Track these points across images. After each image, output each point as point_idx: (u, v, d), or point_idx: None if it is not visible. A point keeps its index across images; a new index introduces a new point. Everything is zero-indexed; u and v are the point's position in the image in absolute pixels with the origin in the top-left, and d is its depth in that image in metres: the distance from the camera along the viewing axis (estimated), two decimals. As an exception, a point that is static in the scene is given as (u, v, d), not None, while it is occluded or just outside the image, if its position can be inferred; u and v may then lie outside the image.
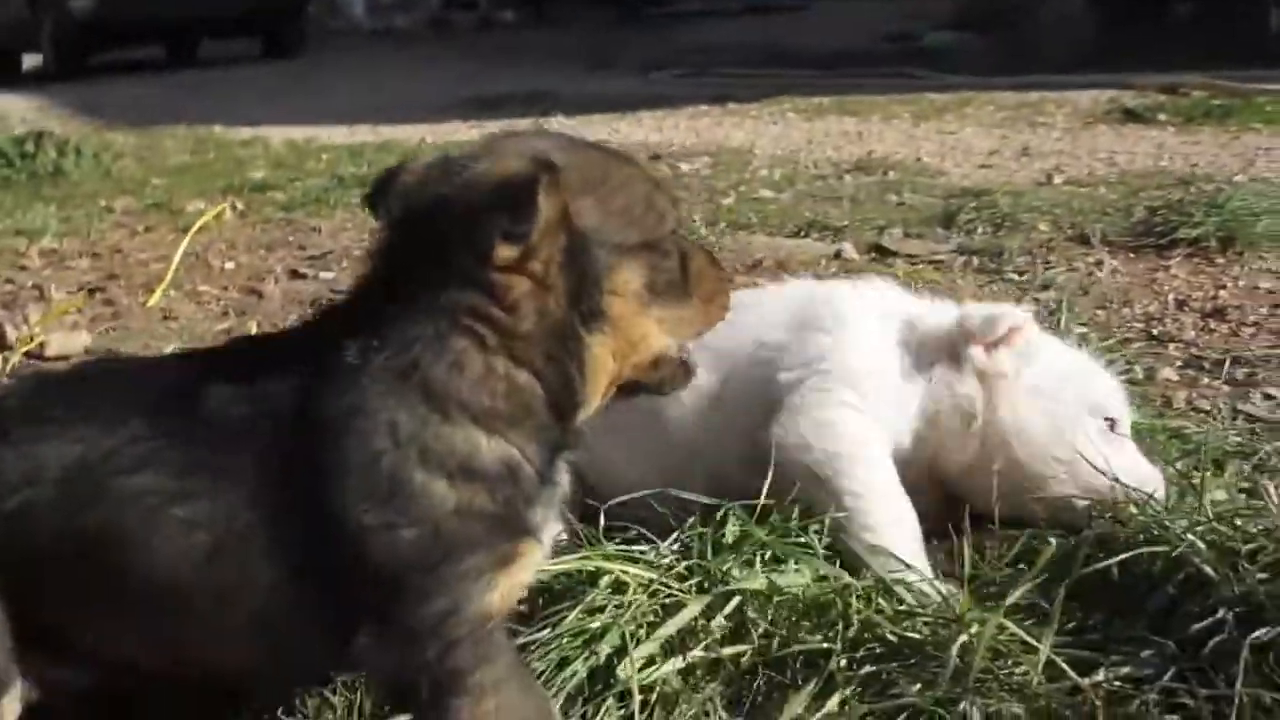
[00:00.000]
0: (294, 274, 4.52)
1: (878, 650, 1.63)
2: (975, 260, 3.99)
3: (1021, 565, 1.81)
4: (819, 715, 1.56)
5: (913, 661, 1.59)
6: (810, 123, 8.20)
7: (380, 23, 26.51)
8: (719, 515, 1.86)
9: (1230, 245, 3.91)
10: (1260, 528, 1.66)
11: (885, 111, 8.44)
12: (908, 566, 1.74)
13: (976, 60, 11.28)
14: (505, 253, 1.38)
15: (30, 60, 19.56)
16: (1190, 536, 1.64)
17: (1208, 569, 1.59)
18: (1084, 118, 7.45)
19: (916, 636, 1.61)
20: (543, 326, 1.42)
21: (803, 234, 4.51)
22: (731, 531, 1.82)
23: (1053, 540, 1.70)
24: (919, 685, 1.56)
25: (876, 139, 7.15)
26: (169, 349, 3.49)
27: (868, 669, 1.61)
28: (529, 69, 13.87)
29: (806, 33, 15.28)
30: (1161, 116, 7.05)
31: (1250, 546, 1.61)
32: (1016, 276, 3.78)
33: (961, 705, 1.51)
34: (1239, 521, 1.69)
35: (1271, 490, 2.06)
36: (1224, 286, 3.59)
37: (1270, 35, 10.13)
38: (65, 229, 5.63)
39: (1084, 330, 3.16)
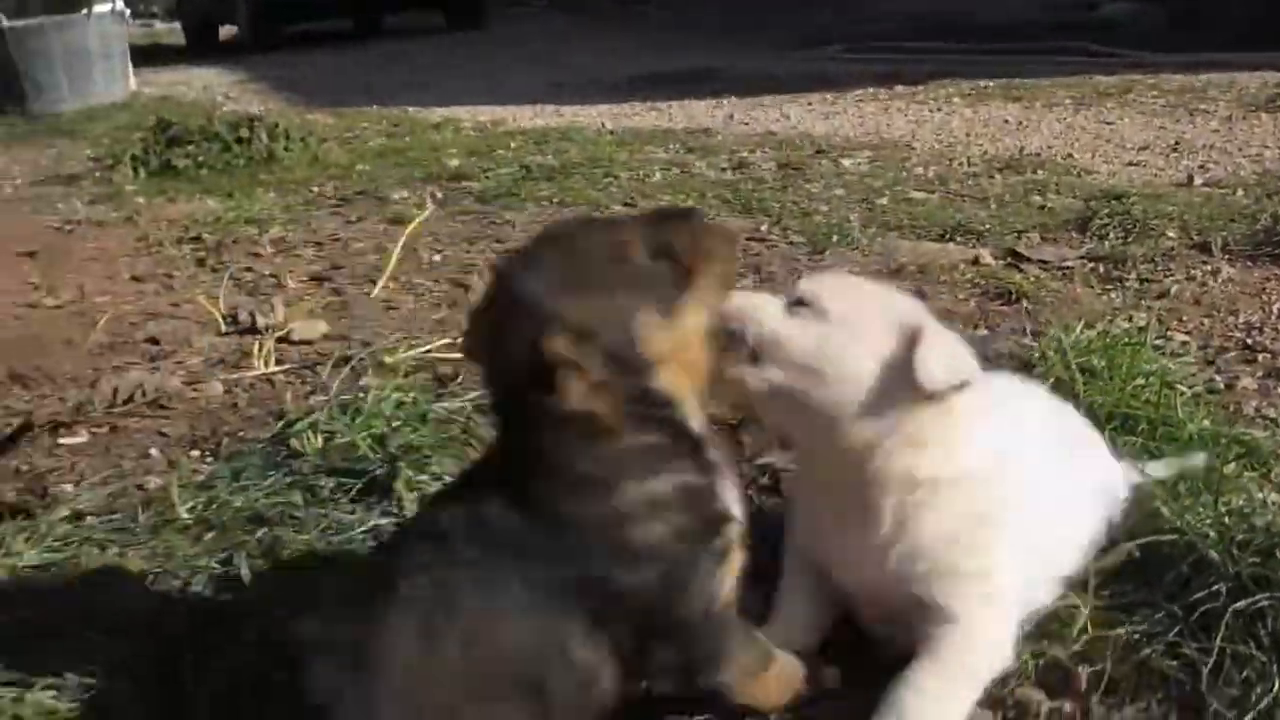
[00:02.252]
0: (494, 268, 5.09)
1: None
2: (1101, 268, 4.38)
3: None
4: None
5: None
6: (973, 110, 8.54)
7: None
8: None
9: (1346, 254, 4.24)
10: (1262, 523, 2.13)
11: (1048, 97, 8.73)
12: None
13: (1153, 34, 11.38)
14: (566, 406, 1.72)
15: (225, 31, 20.71)
16: (1202, 528, 2.14)
17: (1212, 553, 2.08)
18: (1246, 106, 7.67)
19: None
20: (620, 407, 1.76)
21: (947, 238, 4.92)
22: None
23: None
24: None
25: (1034, 130, 7.49)
26: (394, 336, 4.10)
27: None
28: (700, 43, 14.33)
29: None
30: (1325, 103, 7.28)
31: (1244, 537, 2.09)
32: (1137, 285, 4.18)
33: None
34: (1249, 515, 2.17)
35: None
36: (1331, 296, 3.95)
37: None
38: (288, 217, 6.31)
39: (1185, 339, 3.59)
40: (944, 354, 1.96)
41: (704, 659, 1.85)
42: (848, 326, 1.98)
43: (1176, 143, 6.71)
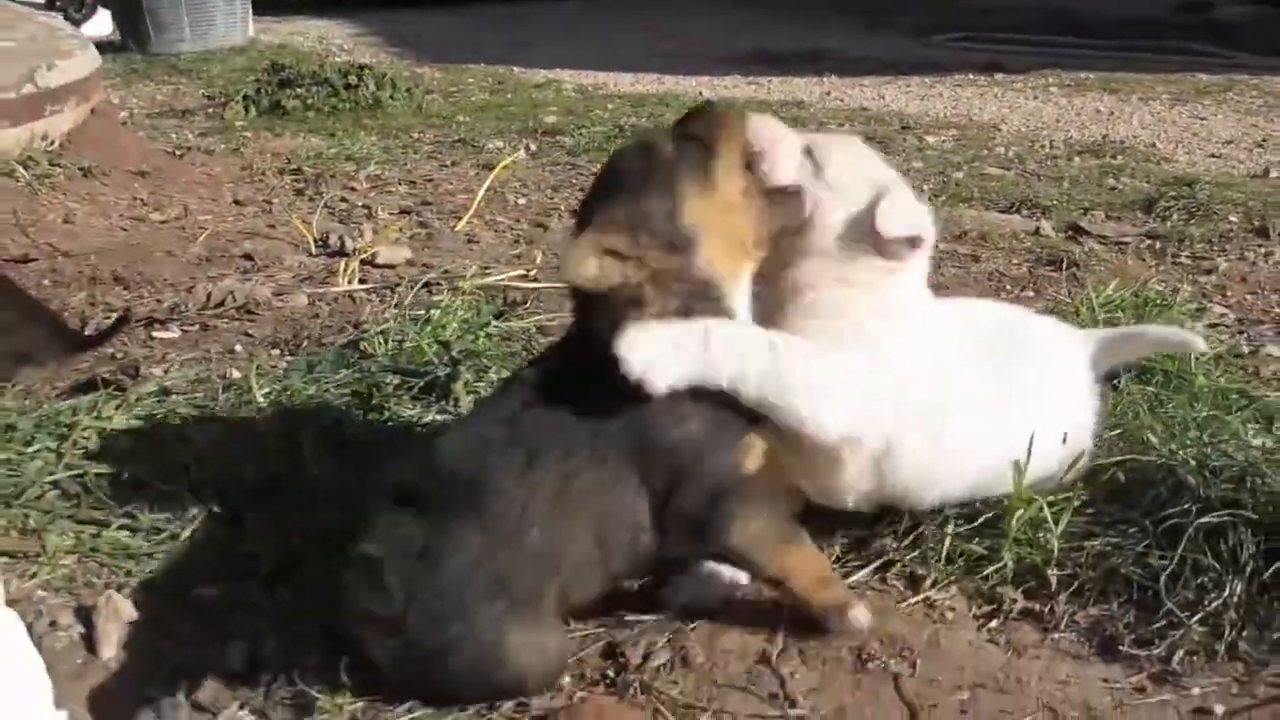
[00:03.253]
0: (574, 213, 5.29)
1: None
2: (1157, 244, 4.51)
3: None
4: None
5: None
6: (1068, 99, 8.59)
7: (676, -35, 27.29)
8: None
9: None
10: (1241, 457, 2.29)
11: (1146, 91, 8.75)
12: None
13: (1266, 37, 11.29)
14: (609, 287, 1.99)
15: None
16: (1184, 455, 2.31)
17: (1189, 478, 2.25)
18: (1346, 111, 7.69)
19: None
20: (659, 280, 2.01)
21: (1013, 210, 5.06)
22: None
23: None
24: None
25: (1124, 121, 7.55)
26: (473, 267, 4.32)
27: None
28: (811, 22, 14.35)
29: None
30: None
31: (1220, 463, 2.26)
32: (1188, 261, 4.31)
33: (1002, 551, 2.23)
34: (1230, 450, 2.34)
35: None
36: (1374, 282, 4.04)
37: None
38: (386, 157, 6.55)
39: (1224, 311, 3.72)
40: (903, 210, 2.20)
41: (719, 515, 2.03)
42: (833, 180, 2.21)
43: (1264, 139, 6.76)
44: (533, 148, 6.86)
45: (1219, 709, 1.94)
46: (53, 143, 5.55)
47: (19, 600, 2.22)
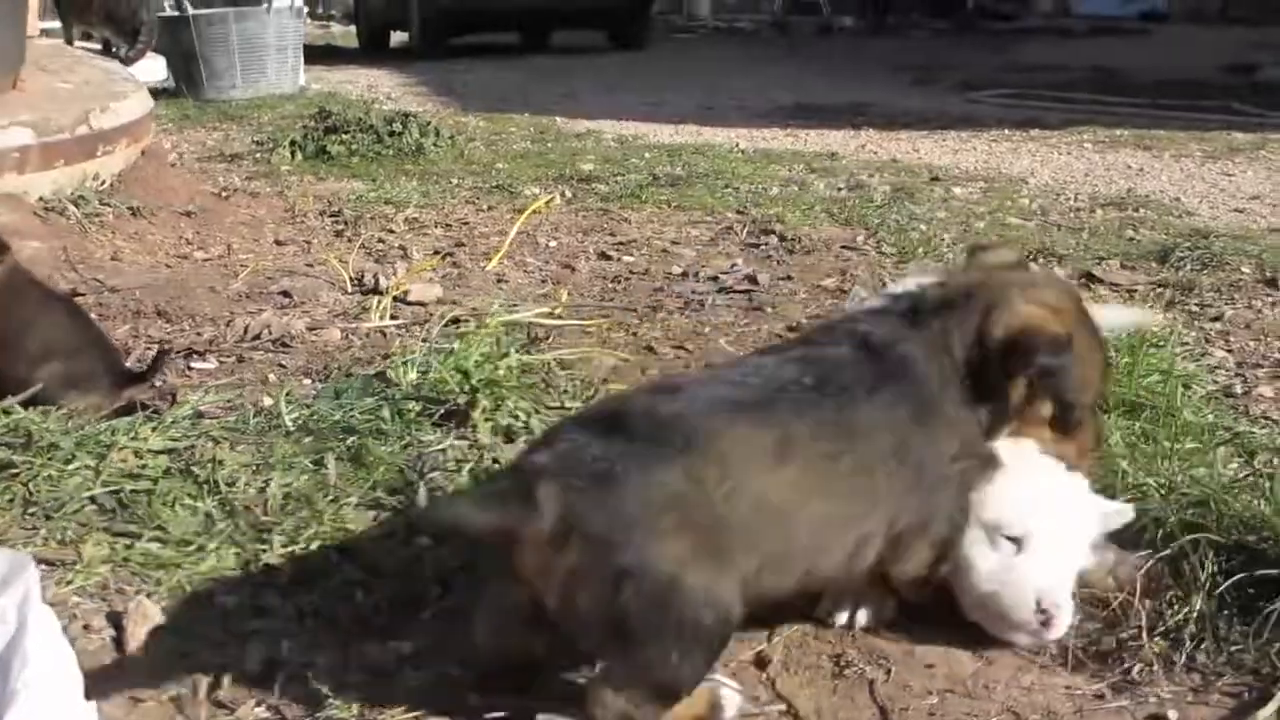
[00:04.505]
0: (602, 255, 5.46)
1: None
2: (1167, 292, 4.63)
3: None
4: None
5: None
6: (1101, 154, 8.68)
7: (724, 21, 27.73)
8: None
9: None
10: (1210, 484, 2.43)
11: (1179, 148, 8.83)
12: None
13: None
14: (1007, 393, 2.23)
15: (396, 38, 21.45)
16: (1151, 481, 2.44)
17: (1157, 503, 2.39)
18: (1377, 170, 7.78)
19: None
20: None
21: (1030, 258, 5.16)
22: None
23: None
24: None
25: (1152, 176, 7.65)
26: (497, 303, 4.49)
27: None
28: (857, 79, 14.52)
29: (1144, 57, 15.42)
30: None
31: (1187, 489, 2.40)
32: (1195, 308, 4.42)
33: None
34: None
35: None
36: (1374, 332, 4.14)
37: None
38: (424, 201, 6.74)
39: (1225, 354, 3.83)
40: None
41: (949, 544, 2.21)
42: None
43: (1292, 196, 6.84)
44: (568, 194, 7.03)
45: (1173, 715, 2.06)
46: (104, 182, 5.78)
47: (55, 604, 2.36)
